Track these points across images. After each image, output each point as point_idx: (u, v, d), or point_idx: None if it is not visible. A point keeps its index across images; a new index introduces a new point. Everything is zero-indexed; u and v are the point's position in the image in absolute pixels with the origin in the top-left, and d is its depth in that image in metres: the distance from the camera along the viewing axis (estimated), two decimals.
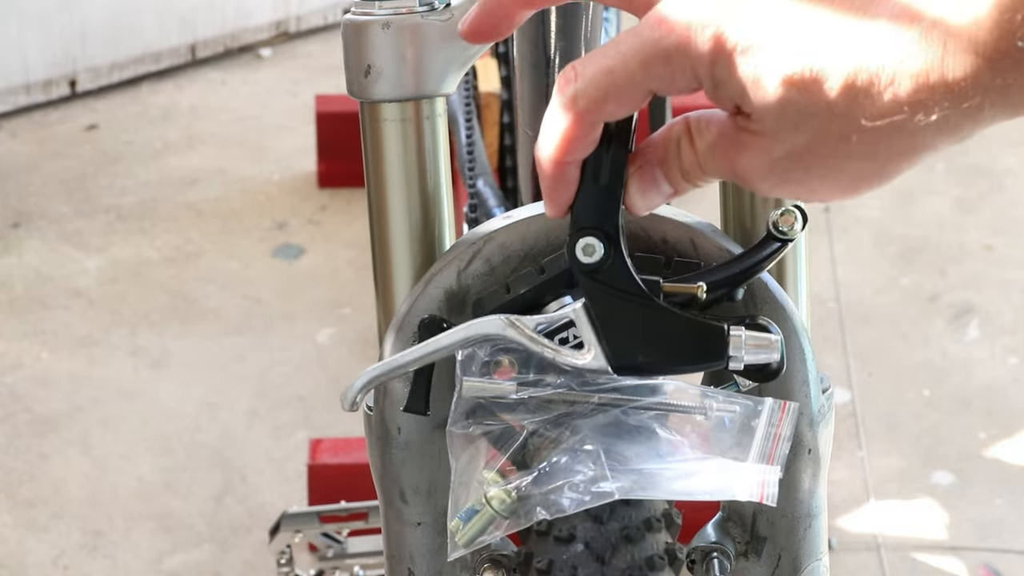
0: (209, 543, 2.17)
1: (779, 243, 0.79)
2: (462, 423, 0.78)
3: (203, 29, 3.45)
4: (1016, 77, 0.61)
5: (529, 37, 1.28)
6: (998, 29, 0.60)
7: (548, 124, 0.71)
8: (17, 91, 3.27)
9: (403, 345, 0.85)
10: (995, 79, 0.61)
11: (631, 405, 0.77)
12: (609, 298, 0.71)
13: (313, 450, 2.08)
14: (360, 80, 0.84)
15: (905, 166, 0.66)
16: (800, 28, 0.63)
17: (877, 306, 2.64)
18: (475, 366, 0.78)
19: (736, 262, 0.80)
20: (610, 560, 0.79)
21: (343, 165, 2.92)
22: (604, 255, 0.72)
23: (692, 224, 0.84)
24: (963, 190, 2.94)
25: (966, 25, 0.60)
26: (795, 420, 0.78)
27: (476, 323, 0.76)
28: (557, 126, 0.71)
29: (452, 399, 0.78)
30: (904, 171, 0.67)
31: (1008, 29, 0.59)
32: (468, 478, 0.77)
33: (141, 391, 2.45)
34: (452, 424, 0.78)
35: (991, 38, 0.60)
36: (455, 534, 0.77)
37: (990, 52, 0.60)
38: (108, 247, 2.82)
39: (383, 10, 0.83)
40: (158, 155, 3.12)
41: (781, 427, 0.77)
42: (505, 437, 0.77)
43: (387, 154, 0.86)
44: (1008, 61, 0.60)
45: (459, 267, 0.85)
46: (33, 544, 2.17)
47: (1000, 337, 2.56)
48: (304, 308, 2.64)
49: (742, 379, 0.78)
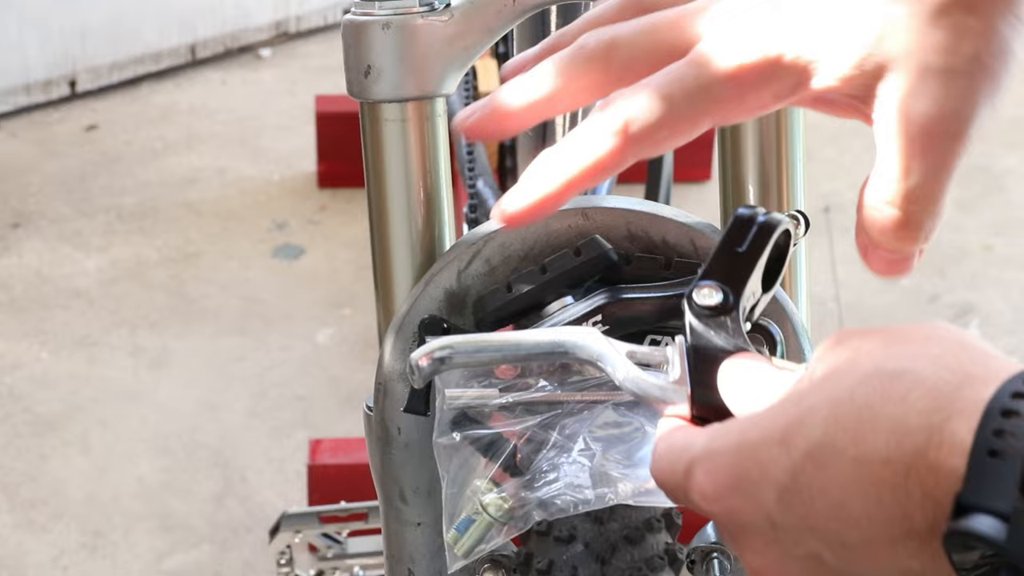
0: (209, 543, 2.17)
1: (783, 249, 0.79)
2: (447, 434, 0.78)
3: (203, 29, 3.45)
4: None
5: (529, 37, 1.28)
6: None
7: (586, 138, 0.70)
8: (17, 91, 3.27)
9: (403, 345, 0.85)
10: None
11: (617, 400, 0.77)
12: (711, 342, 0.71)
13: (313, 450, 2.08)
14: (360, 80, 0.84)
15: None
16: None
17: (877, 306, 2.63)
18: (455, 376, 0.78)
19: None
20: (610, 560, 0.79)
21: (343, 165, 2.92)
22: (722, 301, 0.72)
23: (692, 224, 0.84)
24: (963, 190, 2.94)
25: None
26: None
27: (569, 330, 0.74)
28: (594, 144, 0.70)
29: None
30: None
31: None
32: (460, 488, 0.77)
33: (141, 391, 2.45)
34: (438, 435, 0.78)
35: None
36: (453, 546, 0.77)
37: None
38: (108, 247, 2.81)
39: (383, 10, 0.83)
40: (158, 155, 3.12)
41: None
42: (495, 446, 0.77)
43: (387, 154, 0.86)
44: None
45: (459, 267, 0.85)
46: (33, 544, 2.17)
47: (1000, 337, 2.56)
48: (303, 308, 2.64)
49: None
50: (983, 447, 0.56)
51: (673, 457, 0.65)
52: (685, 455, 0.64)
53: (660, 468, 0.66)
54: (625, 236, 0.84)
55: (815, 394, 0.61)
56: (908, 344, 0.61)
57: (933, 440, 0.57)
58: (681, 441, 0.65)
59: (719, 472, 0.62)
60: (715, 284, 0.72)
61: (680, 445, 0.65)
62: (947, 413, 0.57)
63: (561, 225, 0.85)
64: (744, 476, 0.61)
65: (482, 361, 0.74)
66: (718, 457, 0.62)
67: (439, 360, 0.73)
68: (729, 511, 0.62)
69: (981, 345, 0.61)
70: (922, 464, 0.57)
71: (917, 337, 0.62)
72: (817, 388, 0.62)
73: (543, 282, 0.81)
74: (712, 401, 0.69)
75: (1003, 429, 0.56)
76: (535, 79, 0.72)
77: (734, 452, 0.62)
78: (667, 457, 0.65)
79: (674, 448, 0.65)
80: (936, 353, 0.60)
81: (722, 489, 0.62)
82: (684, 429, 0.67)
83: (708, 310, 0.71)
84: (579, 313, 0.80)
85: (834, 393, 0.61)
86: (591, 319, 0.80)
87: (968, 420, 0.56)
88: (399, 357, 0.85)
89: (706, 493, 0.62)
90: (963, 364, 0.59)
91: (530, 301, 0.81)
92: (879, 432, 0.58)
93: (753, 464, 0.61)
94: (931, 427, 0.57)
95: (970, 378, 0.58)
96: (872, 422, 0.59)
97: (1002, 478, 0.55)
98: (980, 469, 0.55)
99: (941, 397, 0.58)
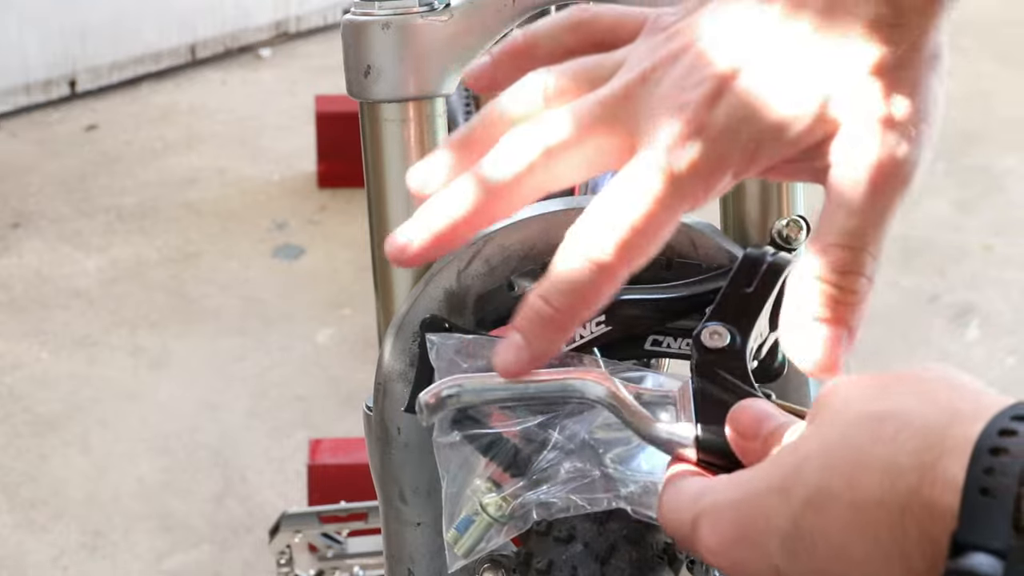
0: (209, 543, 2.17)
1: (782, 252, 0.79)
2: (448, 433, 0.78)
3: (203, 29, 3.45)
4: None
5: None
6: None
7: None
8: (17, 91, 3.27)
9: (403, 345, 0.85)
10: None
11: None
12: (718, 384, 0.72)
13: (313, 450, 2.08)
14: (360, 80, 0.84)
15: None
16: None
17: (877, 306, 2.63)
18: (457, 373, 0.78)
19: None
20: (609, 560, 0.79)
21: (343, 165, 2.92)
22: (730, 343, 0.72)
23: (692, 225, 0.84)
24: (963, 190, 2.94)
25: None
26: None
27: (578, 379, 0.75)
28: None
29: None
30: None
31: None
32: (460, 488, 0.77)
33: (141, 391, 2.45)
34: (438, 434, 0.78)
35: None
36: (453, 545, 0.77)
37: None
38: (108, 247, 2.82)
39: (383, 10, 0.83)
40: (158, 155, 3.12)
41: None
42: (495, 445, 0.77)
43: (387, 154, 0.86)
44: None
45: (459, 267, 0.85)
46: (33, 544, 2.17)
47: (1000, 337, 2.56)
48: (303, 308, 2.64)
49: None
50: (975, 485, 0.56)
51: (679, 509, 0.66)
52: (690, 509, 0.65)
53: (667, 519, 0.67)
54: None
55: (810, 441, 0.63)
56: (897, 386, 0.62)
57: (926, 479, 0.58)
58: (686, 494, 0.66)
59: (723, 526, 0.63)
60: (723, 325, 0.72)
61: (686, 498, 0.66)
62: (938, 451, 0.58)
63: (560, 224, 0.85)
64: (748, 528, 0.62)
65: (488, 401, 0.75)
66: (722, 511, 0.64)
67: (446, 398, 0.74)
68: (735, 563, 0.63)
69: (969, 382, 0.62)
70: (917, 503, 0.58)
71: (906, 379, 0.63)
72: (812, 435, 0.63)
73: None
74: (718, 446, 0.70)
75: (993, 467, 0.56)
76: (458, 196, 0.73)
77: (737, 505, 0.63)
78: (674, 508, 0.67)
79: (680, 500, 0.66)
80: (924, 392, 0.61)
81: (727, 543, 0.63)
82: (689, 479, 0.68)
83: (715, 351, 0.71)
84: None
85: (827, 438, 0.62)
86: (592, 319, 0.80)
87: (959, 458, 0.57)
88: (399, 357, 0.85)
89: (711, 547, 0.63)
90: (951, 401, 0.60)
91: None
92: (872, 474, 0.59)
93: (756, 515, 0.62)
94: (923, 466, 0.58)
95: (958, 415, 0.59)
96: (864, 464, 0.60)
97: (996, 516, 0.56)
98: (973, 508, 0.56)
99: (931, 436, 0.59)
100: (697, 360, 0.72)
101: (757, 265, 0.74)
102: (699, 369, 0.72)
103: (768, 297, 0.74)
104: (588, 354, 0.80)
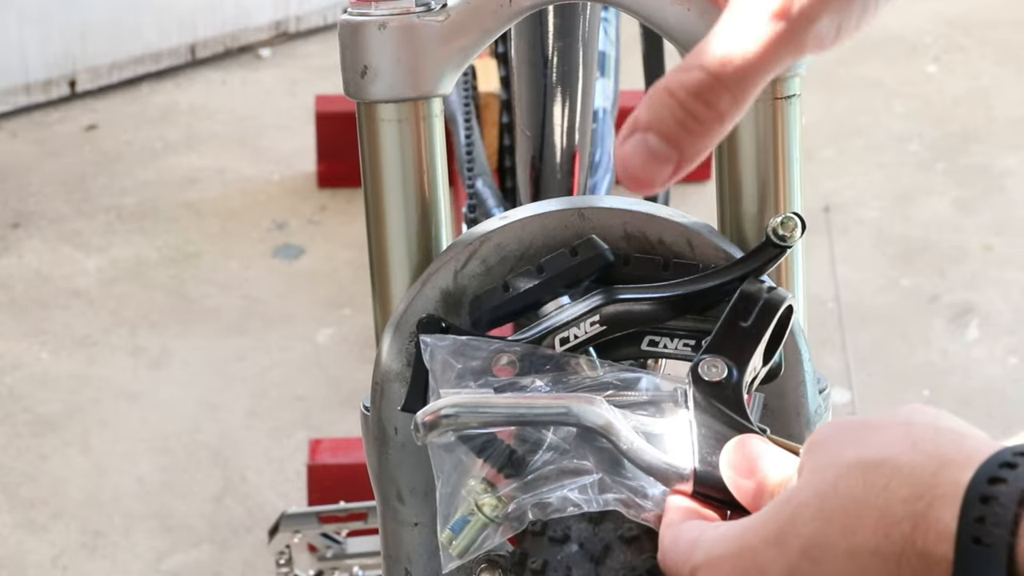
0: (209, 543, 2.17)
1: (778, 249, 0.79)
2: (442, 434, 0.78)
3: (203, 29, 3.45)
4: None
5: (526, 37, 1.28)
6: None
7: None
8: (17, 91, 3.27)
9: (400, 345, 0.85)
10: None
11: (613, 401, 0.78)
12: (715, 417, 0.73)
13: (312, 450, 2.08)
14: (357, 81, 0.84)
15: None
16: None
17: (877, 307, 2.63)
18: (450, 375, 0.78)
19: (735, 267, 0.80)
20: (604, 560, 0.79)
21: (343, 165, 2.92)
22: (727, 376, 0.74)
23: (689, 225, 0.84)
24: (963, 190, 2.94)
25: None
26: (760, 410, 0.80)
27: (577, 397, 0.75)
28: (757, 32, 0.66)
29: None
30: None
31: None
32: (455, 488, 0.77)
33: (141, 391, 2.45)
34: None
35: None
36: (448, 546, 0.77)
37: None
38: (108, 247, 2.82)
39: (379, 11, 0.83)
40: (158, 155, 3.12)
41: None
42: (489, 447, 0.77)
43: (384, 155, 0.86)
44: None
45: (456, 267, 0.85)
46: (33, 544, 2.17)
47: (1000, 337, 2.56)
48: (303, 308, 2.64)
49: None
50: (967, 535, 0.57)
51: (678, 558, 0.67)
52: (689, 559, 0.66)
53: (666, 564, 0.68)
54: (622, 236, 0.84)
55: (803, 491, 0.63)
56: (885, 431, 0.63)
57: (919, 527, 0.58)
58: (685, 542, 0.67)
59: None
60: (720, 359, 0.74)
61: (684, 546, 0.67)
62: (928, 500, 0.59)
63: (557, 225, 0.85)
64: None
65: (486, 423, 0.75)
66: (719, 564, 0.64)
67: (444, 418, 0.74)
68: None
69: (956, 425, 0.63)
70: (911, 552, 0.58)
71: (894, 423, 0.63)
72: (804, 484, 0.64)
73: (540, 282, 0.81)
74: (714, 480, 0.71)
75: (984, 516, 0.57)
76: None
77: (734, 558, 0.64)
78: (673, 556, 0.68)
79: (679, 547, 0.68)
80: (912, 437, 0.62)
81: None
82: (687, 524, 0.69)
83: (712, 384, 0.73)
84: (576, 314, 0.80)
85: (820, 487, 0.62)
86: (588, 319, 0.81)
87: (950, 506, 0.58)
88: (396, 357, 0.85)
89: None
90: (939, 447, 0.61)
91: (527, 300, 0.81)
92: (867, 523, 0.60)
93: (752, 568, 0.63)
94: (915, 515, 0.59)
95: (946, 462, 0.60)
96: (858, 513, 0.60)
97: (990, 565, 0.56)
98: (967, 557, 0.57)
99: (920, 484, 0.59)
100: (694, 392, 0.73)
101: (754, 300, 0.76)
102: (696, 401, 0.73)
103: (764, 332, 0.76)
104: (584, 355, 0.80)
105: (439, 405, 0.75)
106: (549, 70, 1.26)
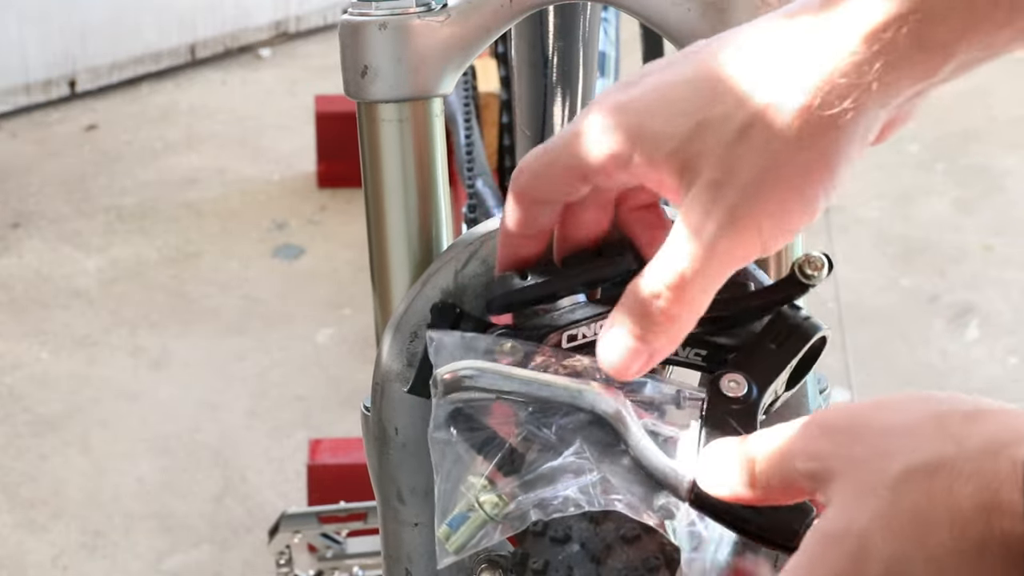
0: (209, 543, 2.17)
1: (802, 287, 0.79)
2: (444, 429, 0.77)
3: (203, 29, 3.45)
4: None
5: (527, 37, 1.27)
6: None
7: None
8: (17, 91, 3.27)
9: (401, 345, 0.85)
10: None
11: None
12: (726, 432, 0.72)
13: (312, 450, 2.08)
14: (357, 80, 0.84)
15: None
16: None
17: (877, 307, 2.63)
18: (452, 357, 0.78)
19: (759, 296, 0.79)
20: (606, 560, 0.79)
21: (343, 165, 2.92)
22: (746, 394, 0.73)
23: None
24: (963, 190, 2.94)
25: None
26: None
27: (597, 385, 0.75)
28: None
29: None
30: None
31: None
32: (454, 484, 0.77)
33: (141, 391, 2.45)
34: (433, 430, 0.77)
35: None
36: (444, 541, 0.76)
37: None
38: (108, 247, 2.82)
39: (380, 11, 0.83)
40: (158, 155, 3.12)
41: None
42: (489, 443, 0.77)
43: (384, 155, 0.86)
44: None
45: (456, 267, 0.85)
46: (33, 544, 2.17)
47: (1000, 337, 2.56)
48: (303, 308, 2.64)
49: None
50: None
51: None
52: None
53: None
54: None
55: (859, 516, 0.63)
56: (915, 433, 0.63)
57: (994, 515, 0.59)
58: None
59: None
60: (742, 376, 0.73)
61: None
62: (994, 488, 0.59)
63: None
64: None
65: (503, 390, 0.75)
66: None
67: (464, 378, 0.74)
68: None
69: (971, 404, 0.63)
70: (991, 541, 0.59)
71: (915, 420, 0.64)
72: (855, 508, 0.63)
73: (558, 276, 0.80)
74: (711, 498, 0.71)
75: None
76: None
77: None
78: None
79: None
80: (949, 431, 0.62)
81: None
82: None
83: (730, 400, 0.72)
84: (591, 313, 0.80)
85: (879, 509, 0.62)
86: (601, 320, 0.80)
87: (1016, 484, 0.59)
88: (396, 357, 0.85)
89: None
90: (982, 434, 0.61)
91: (546, 291, 0.80)
92: (941, 528, 0.60)
93: None
94: (986, 506, 0.59)
95: (998, 446, 0.60)
96: (929, 521, 0.61)
97: None
98: None
99: (982, 476, 0.60)
100: (709, 404, 0.73)
101: (789, 325, 0.75)
102: (709, 413, 0.73)
103: (792, 358, 0.75)
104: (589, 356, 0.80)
105: (460, 365, 0.75)
106: (549, 70, 1.26)
